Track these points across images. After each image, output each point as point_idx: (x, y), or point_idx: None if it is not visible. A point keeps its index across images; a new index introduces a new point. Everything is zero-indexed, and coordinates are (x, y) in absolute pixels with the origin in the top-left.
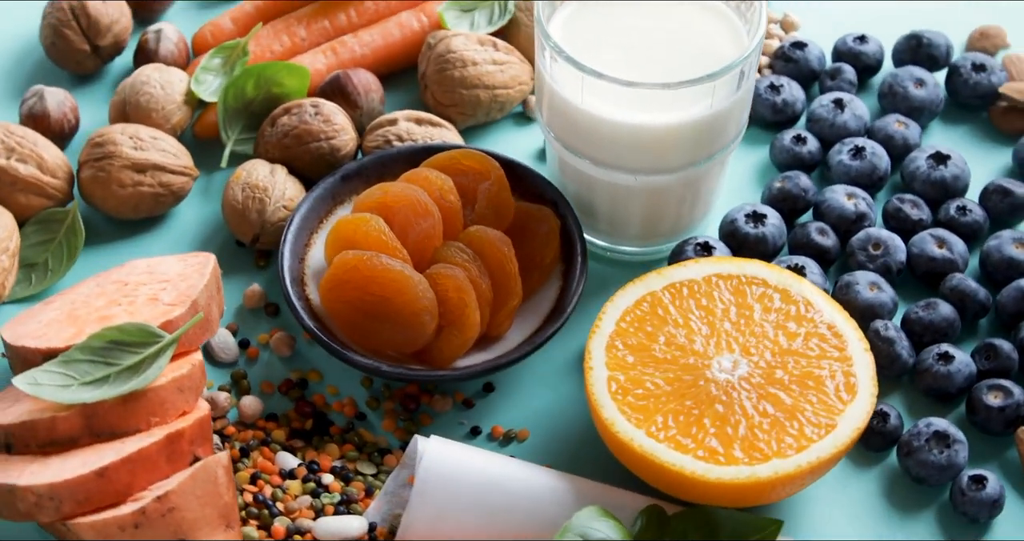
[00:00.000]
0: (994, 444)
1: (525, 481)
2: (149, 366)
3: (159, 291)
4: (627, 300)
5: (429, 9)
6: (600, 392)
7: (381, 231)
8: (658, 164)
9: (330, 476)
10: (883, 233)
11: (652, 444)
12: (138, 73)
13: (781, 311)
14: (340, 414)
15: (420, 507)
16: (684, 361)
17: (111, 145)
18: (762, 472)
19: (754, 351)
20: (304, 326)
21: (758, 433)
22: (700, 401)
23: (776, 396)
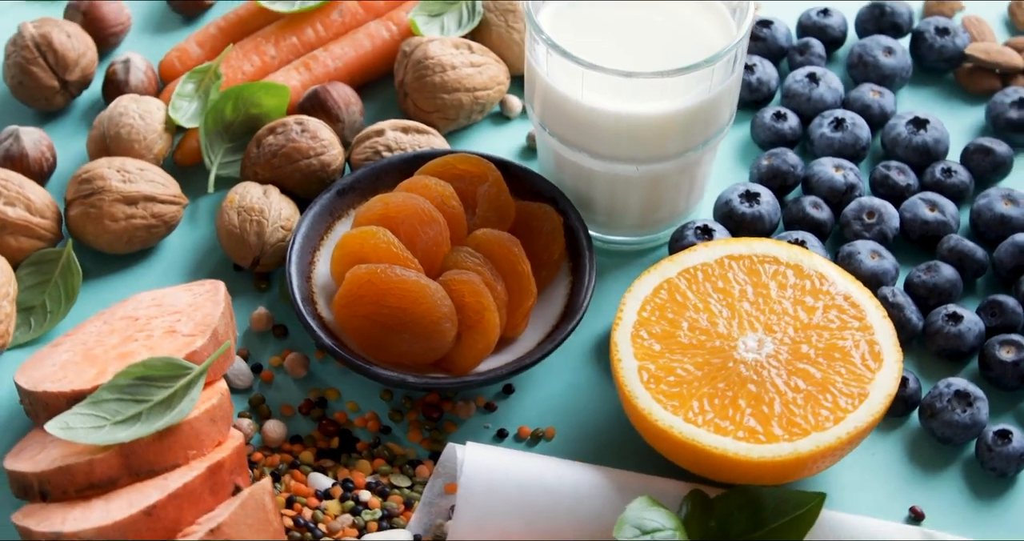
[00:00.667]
0: (1009, 398)
1: (566, 478)
2: (182, 399)
3: (174, 323)
4: (645, 289)
5: (397, 17)
6: (633, 383)
7: (390, 243)
8: (658, 152)
9: (367, 492)
10: (875, 201)
11: (692, 429)
12: (115, 105)
13: (796, 286)
14: (364, 430)
15: (466, 514)
16: (710, 345)
17: (99, 180)
18: (803, 447)
19: (776, 328)
20: (322, 345)
21: (794, 409)
22: (732, 383)
23: (805, 371)
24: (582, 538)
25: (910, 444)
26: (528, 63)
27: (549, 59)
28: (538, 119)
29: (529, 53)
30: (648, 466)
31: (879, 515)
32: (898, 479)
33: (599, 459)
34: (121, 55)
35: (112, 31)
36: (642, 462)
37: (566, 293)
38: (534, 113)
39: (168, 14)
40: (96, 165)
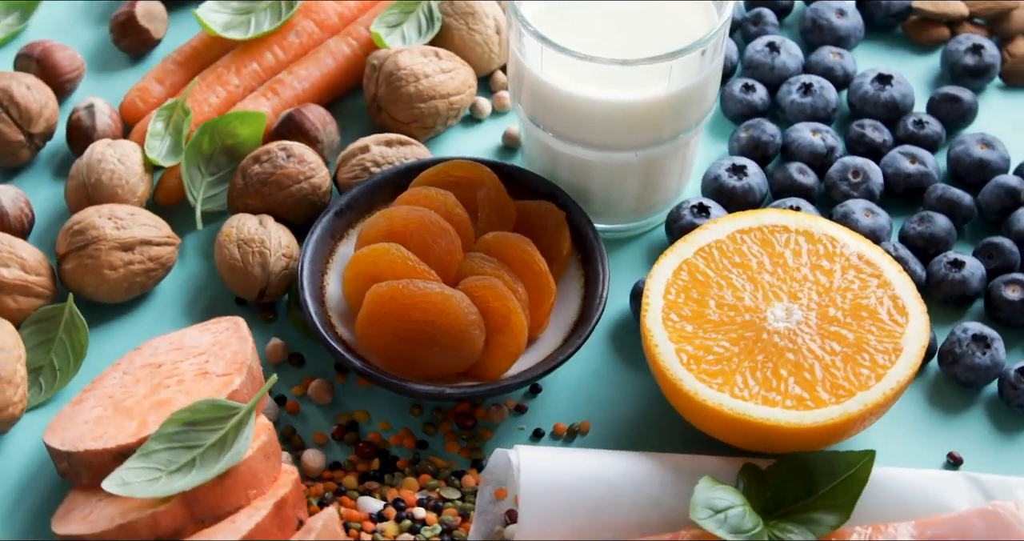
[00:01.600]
0: (1018, 336)
1: (620, 468)
2: (235, 439)
3: (202, 364)
4: (665, 273)
5: (355, 32)
6: (674, 366)
7: (406, 257)
8: (653, 137)
9: (421, 509)
10: (857, 160)
11: (741, 405)
12: (90, 152)
13: (811, 252)
14: (401, 447)
15: (531, 517)
16: (741, 319)
17: (92, 230)
18: (852, 408)
19: (801, 295)
20: (352, 368)
21: (835, 372)
22: (770, 354)
23: (838, 333)
24: (646, 525)
25: (933, 392)
26: (515, 60)
27: (542, 54)
28: (528, 116)
29: (516, 50)
30: (688, 446)
31: (918, 465)
32: (928, 427)
33: (640, 446)
34: (83, 101)
35: (68, 78)
36: (682, 443)
37: (580, 286)
38: (523, 110)
39: (115, 54)
40: (86, 215)
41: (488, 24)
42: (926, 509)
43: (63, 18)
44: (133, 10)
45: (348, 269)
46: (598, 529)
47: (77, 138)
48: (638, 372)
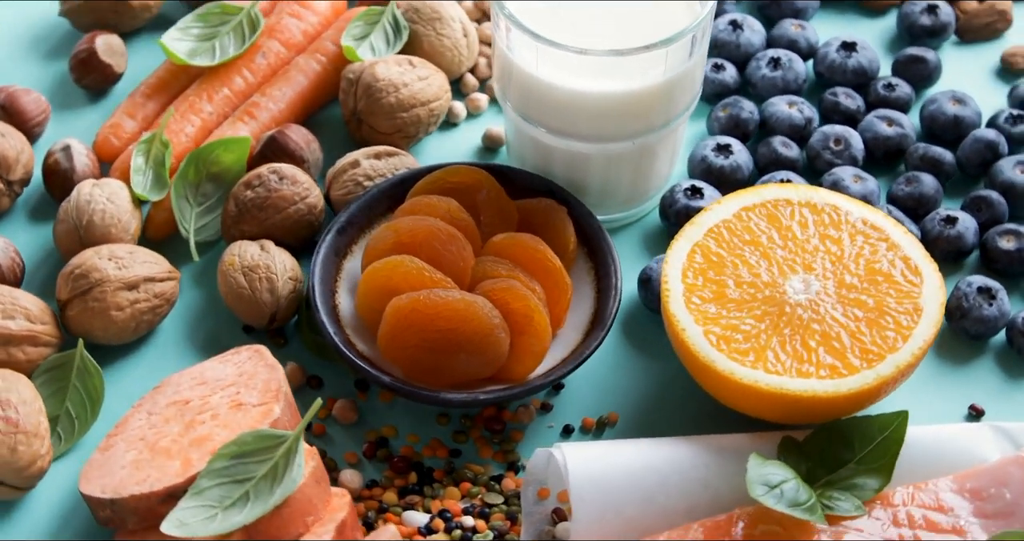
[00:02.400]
0: (1015, 284)
1: (665, 455)
2: (287, 468)
3: (234, 396)
4: (679, 257)
5: (322, 48)
6: (705, 349)
7: (421, 268)
8: (647, 124)
9: (468, 518)
10: (836, 128)
11: (776, 379)
12: (77, 194)
13: (817, 222)
14: (435, 458)
15: (584, 513)
16: (761, 295)
17: (95, 272)
18: (884, 371)
19: (815, 266)
20: (382, 384)
21: (862, 338)
22: (796, 326)
23: (858, 299)
24: (695, 508)
25: (943, 348)
26: (504, 59)
27: (537, 52)
28: (519, 114)
29: (505, 48)
30: (718, 425)
31: (941, 420)
32: (944, 383)
33: (671, 431)
34: (57, 143)
35: (36, 122)
36: (711, 424)
37: (591, 279)
38: (512, 108)
39: (76, 92)
40: (85, 258)
41: (455, 28)
42: (960, 463)
43: (6, 56)
44: (93, 46)
45: (362, 285)
46: (650, 518)
47: (56, 181)
48: (654, 358)
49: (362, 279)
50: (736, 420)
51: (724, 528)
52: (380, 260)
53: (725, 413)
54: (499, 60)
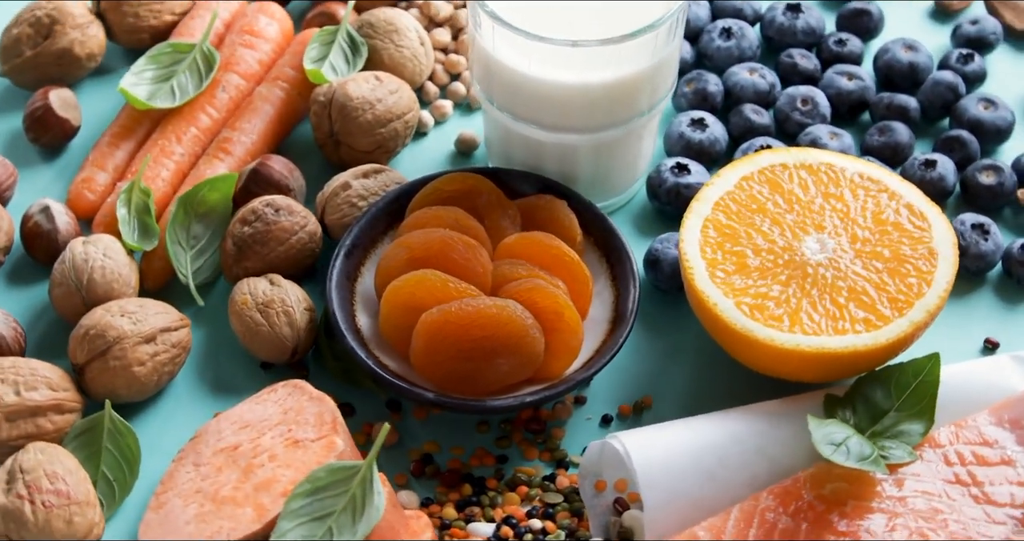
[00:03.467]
0: (996, 218)
1: (718, 430)
2: (366, 497)
3: (286, 434)
4: (693, 234)
5: (281, 74)
6: (740, 320)
7: (446, 280)
8: (638, 109)
9: (535, 521)
10: (800, 89)
11: (816, 340)
12: (70, 255)
13: (817, 182)
14: (483, 467)
15: (654, 499)
16: (782, 260)
17: (111, 330)
18: (917, 317)
19: (826, 225)
20: (425, 401)
21: (887, 288)
22: (823, 286)
23: (874, 251)
24: (757, 477)
25: None
26: (487, 60)
27: (530, 52)
28: (506, 112)
29: (491, 50)
30: (753, 392)
31: (960, 358)
32: (953, 321)
33: (709, 405)
34: (34, 206)
35: (6, 186)
36: (745, 392)
37: (603, 267)
38: (498, 108)
39: (30, 150)
40: (96, 318)
41: (412, 38)
42: (991, 396)
43: None
44: (48, 102)
45: (385, 305)
46: (714, 493)
47: (40, 245)
48: (672, 336)
49: (384, 299)
50: (768, 386)
51: (793, 492)
52: (400, 278)
53: (756, 381)
54: (482, 61)
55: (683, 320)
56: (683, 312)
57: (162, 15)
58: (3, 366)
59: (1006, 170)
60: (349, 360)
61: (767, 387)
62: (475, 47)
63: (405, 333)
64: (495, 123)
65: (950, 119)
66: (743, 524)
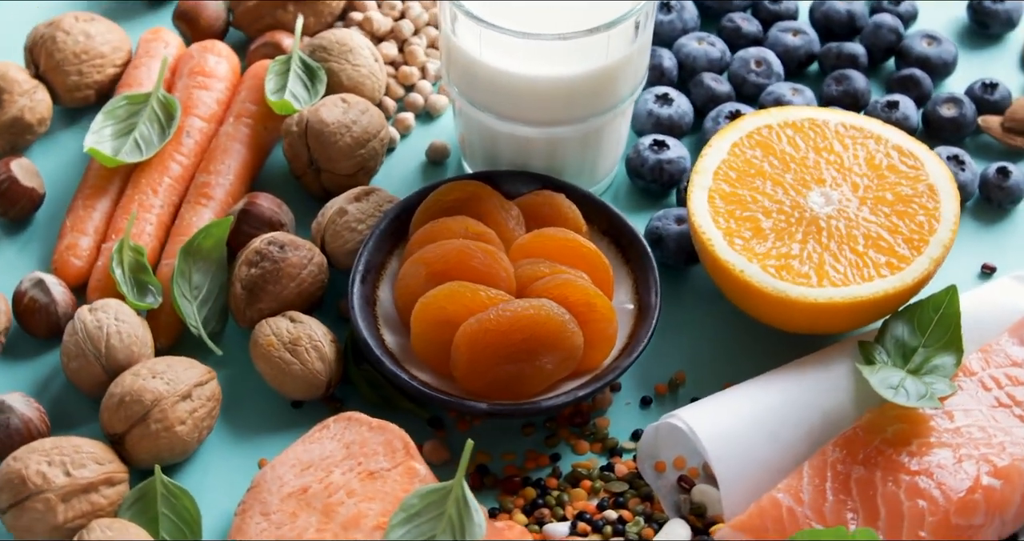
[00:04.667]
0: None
1: (769, 391)
2: (464, 516)
3: (357, 468)
4: (702, 207)
5: (242, 110)
6: (771, 282)
7: (476, 290)
8: (621, 96)
9: (610, 512)
10: (750, 51)
11: (848, 290)
12: (80, 325)
13: (804, 138)
14: (538, 468)
15: (726, 469)
16: (794, 219)
17: (147, 394)
18: (935, 252)
19: (825, 178)
20: (478, 413)
21: (900, 230)
22: (840, 237)
23: (877, 196)
24: (814, 432)
25: None
26: (468, 62)
27: (511, 51)
28: (495, 115)
29: (474, 53)
30: (781, 352)
31: (963, 286)
32: None
33: (743, 370)
34: (25, 281)
35: None
36: (774, 352)
37: (614, 251)
38: (480, 109)
39: None
40: (127, 384)
41: (367, 55)
42: (1005, 319)
43: None
44: (12, 174)
45: (417, 323)
46: (780, 454)
47: (39, 320)
48: (688, 309)
49: (415, 317)
50: (793, 344)
51: (858, 441)
52: (427, 294)
53: (780, 341)
54: (461, 64)
55: (695, 293)
56: (693, 285)
57: (105, 69)
58: (45, 448)
59: (965, 101)
60: (384, 385)
61: (791, 345)
62: (453, 51)
63: (440, 348)
64: (476, 124)
65: (896, 60)
66: (818, 480)
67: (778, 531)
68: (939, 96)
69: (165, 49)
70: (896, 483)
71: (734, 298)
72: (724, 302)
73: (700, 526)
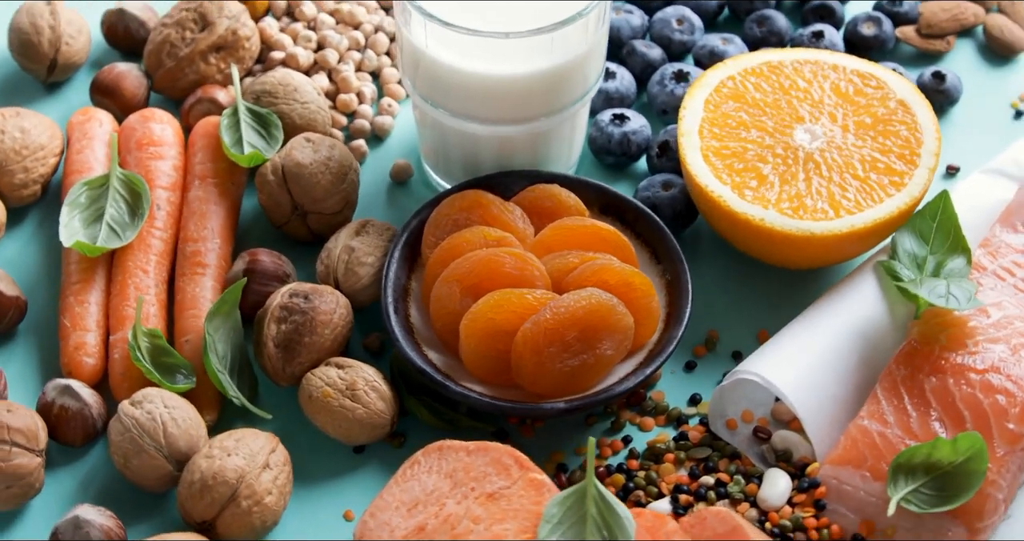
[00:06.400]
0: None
1: (817, 328)
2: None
3: (471, 494)
4: (701, 167)
5: (204, 172)
6: (793, 224)
7: (520, 295)
8: (587, 87)
9: (706, 477)
10: (667, 11)
11: (866, 216)
12: (132, 420)
13: (768, 82)
14: (615, 454)
15: (808, 410)
16: (789, 159)
17: (229, 472)
18: (929, 162)
19: (802, 115)
20: (559, 412)
21: (891, 149)
22: (839, 168)
23: (857, 122)
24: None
25: None
26: (434, 68)
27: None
28: (477, 121)
29: (444, 60)
30: (801, 289)
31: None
32: None
33: (772, 315)
34: (50, 391)
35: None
36: (794, 291)
37: (624, 228)
38: (454, 115)
39: None
40: (206, 467)
41: (311, 91)
42: (989, 213)
43: None
44: None
45: (467, 338)
46: (844, 385)
47: (75, 426)
48: (696, 268)
49: (465, 333)
50: (808, 280)
51: (919, 353)
52: (472, 310)
53: (796, 279)
54: (428, 72)
55: (698, 252)
56: (694, 246)
57: (47, 160)
58: None
59: (882, 17)
60: (441, 408)
61: (805, 282)
62: (410, 50)
63: (495, 359)
64: (449, 133)
65: None
66: (895, 400)
67: (876, 457)
68: (857, 17)
69: (101, 127)
70: (969, 385)
71: (754, 248)
72: (729, 255)
73: (793, 471)
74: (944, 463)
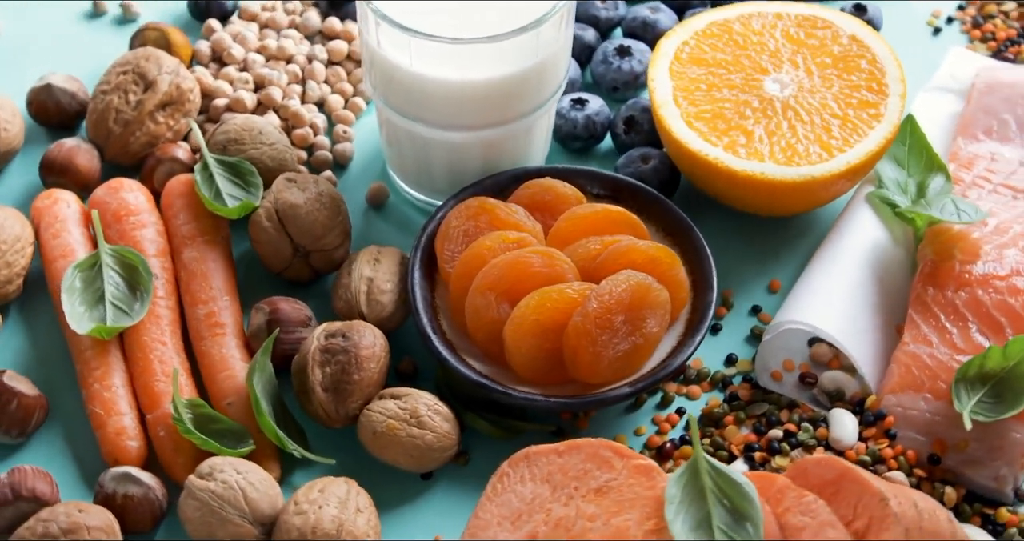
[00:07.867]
0: None
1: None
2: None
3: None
4: (689, 134)
5: (190, 232)
6: (793, 171)
7: (560, 290)
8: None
9: (774, 430)
10: None
11: (857, 150)
12: (208, 495)
13: (724, 41)
14: (674, 428)
15: (854, 346)
16: (771, 112)
17: (327, 523)
18: (898, 89)
19: (765, 66)
20: (624, 396)
21: (859, 83)
22: (817, 110)
23: (819, 63)
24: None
25: None
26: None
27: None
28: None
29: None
30: (800, 234)
31: None
32: None
33: (780, 264)
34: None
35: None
36: (794, 237)
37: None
38: (426, 125)
39: None
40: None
41: (274, 131)
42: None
43: None
44: (10, 387)
45: (514, 343)
46: (874, 315)
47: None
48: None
49: (510, 339)
50: (802, 225)
51: (940, 270)
52: (514, 314)
53: (792, 226)
54: (398, 81)
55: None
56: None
57: (26, 250)
58: None
59: None
60: (499, 417)
61: (801, 226)
62: (384, 67)
63: (546, 358)
64: (419, 142)
65: None
66: (932, 320)
67: (931, 377)
68: None
69: (69, 208)
70: (997, 291)
71: (753, 203)
72: (719, 214)
73: (852, 408)
74: (997, 370)
